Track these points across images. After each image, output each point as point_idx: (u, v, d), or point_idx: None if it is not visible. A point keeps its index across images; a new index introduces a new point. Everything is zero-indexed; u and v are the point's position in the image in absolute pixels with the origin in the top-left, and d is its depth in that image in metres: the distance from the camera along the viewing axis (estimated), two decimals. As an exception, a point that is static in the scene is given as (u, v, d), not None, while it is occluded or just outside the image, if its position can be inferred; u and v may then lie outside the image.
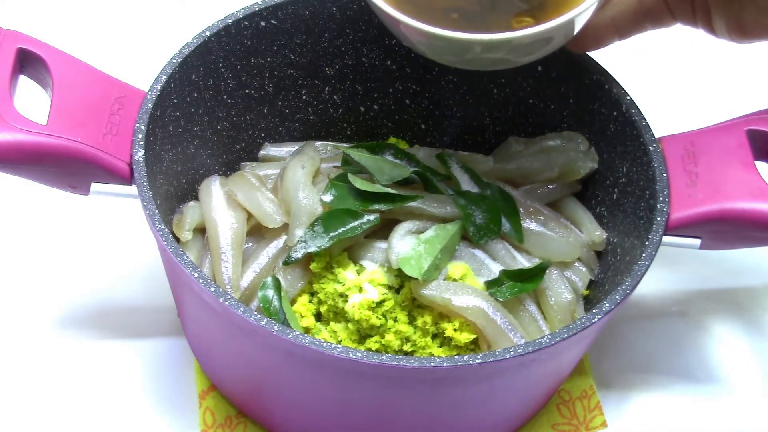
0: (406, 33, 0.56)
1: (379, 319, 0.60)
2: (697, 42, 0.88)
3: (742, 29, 0.58)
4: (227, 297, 0.53)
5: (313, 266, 0.61)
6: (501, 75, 0.69)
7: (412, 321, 0.61)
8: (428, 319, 0.60)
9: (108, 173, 0.58)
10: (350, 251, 0.62)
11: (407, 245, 0.60)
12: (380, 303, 0.60)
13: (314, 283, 0.62)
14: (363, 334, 0.61)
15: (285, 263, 0.61)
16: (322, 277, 0.61)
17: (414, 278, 0.59)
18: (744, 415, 0.69)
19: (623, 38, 0.61)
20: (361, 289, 0.60)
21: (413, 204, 0.62)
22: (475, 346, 0.60)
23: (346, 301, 0.60)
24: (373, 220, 0.61)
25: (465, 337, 0.59)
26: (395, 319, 0.60)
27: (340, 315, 0.62)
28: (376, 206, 0.62)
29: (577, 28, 0.56)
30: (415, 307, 0.61)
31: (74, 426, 0.65)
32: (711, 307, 0.75)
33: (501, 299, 0.60)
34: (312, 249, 0.60)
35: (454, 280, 0.61)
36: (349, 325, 0.61)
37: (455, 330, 0.59)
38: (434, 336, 0.61)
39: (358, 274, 0.61)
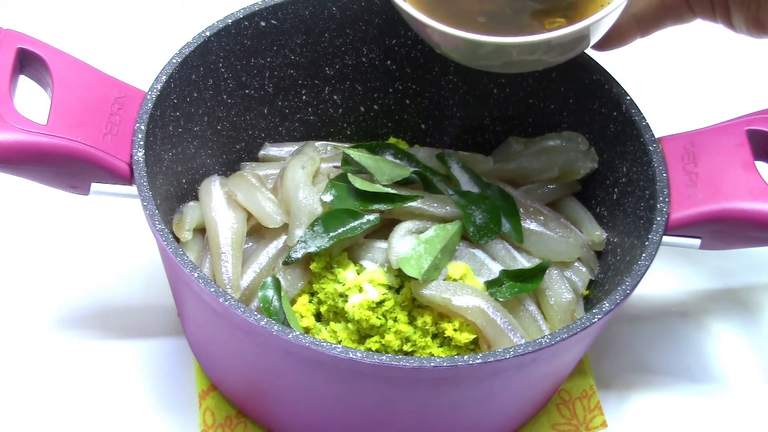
0: (441, 41, 0.56)
1: (379, 319, 0.60)
2: (698, 42, 0.88)
3: (760, 25, 0.58)
4: (227, 297, 0.53)
5: (313, 266, 0.61)
6: (501, 75, 0.69)
7: (412, 321, 0.61)
8: (428, 319, 0.60)
9: (108, 173, 0.58)
10: (350, 251, 0.62)
11: (407, 245, 0.60)
12: (380, 303, 0.60)
13: (314, 283, 0.62)
14: (363, 334, 0.61)
15: (285, 263, 0.61)
16: (322, 277, 0.61)
17: (414, 278, 0.59)
18: (744, 415, 0.69)
19: (645, 35, 0.62)
20: (361, 289, 0.60)
21: (413, 204, 0.62)
22: (475, 346, 0.60)
23: (346, 301, 0.60)
24: (373, 220, 0.61)
25: (465, 337, 0.59)
26: (395, 319, 0.60)
27: (340, 315, 0.62)
28: (376, 206, 0.62)
29: (610, 24, 0.56)
30: (415, 307, 0.61)
31: (74, 426, 0.65)
32: (711, 307, 0.75)
33: (501, 299, 0.60)
34: (312, 249, 0.60)
35: (454, 280, 0.61)
36: (349, 325, 0.61)
37: (455, 330, 0.59)
38: (434, 336, 0.61)
39: (358, 274, 0.61)
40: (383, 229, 0.63)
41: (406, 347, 0.60)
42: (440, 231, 0.62)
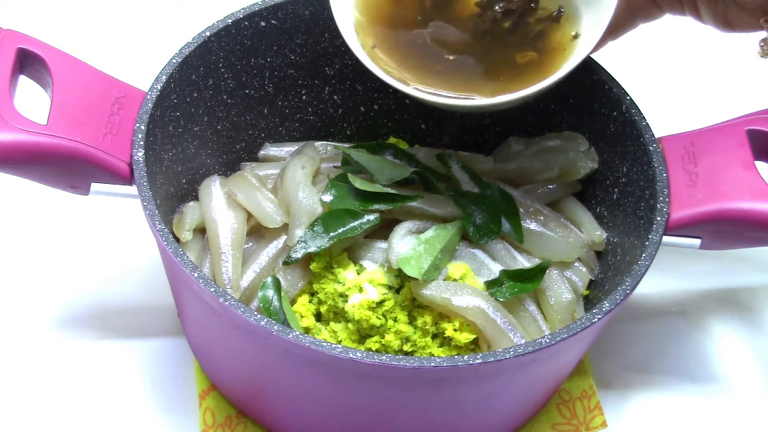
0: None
1: (379, 319, 0.60)
2: (698, 42, 0.88)
3: (727, 22, 0.59)
4: (227, 297, 0.53)
5: (313, 266, 0.61)
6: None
7: (412, 321, 0.61)
8: (428, 319, 0.60)
9: (108, 173, 0.58)
10: (350, 251, 0.62)
11: (407, 245, 0.60)
12: (380, 303, 0.60)
13: (314, 283, 0.62)
14: (363, 334, 0.61)
15: (285, 263, 0.61)
16: (322, 277, 0.61)
17: (414, 278, 0.59)
18: (744, 415, 0.69)
19: (616, 38, 0.62)
20: (361, 289, 0.60)
21: (413, 204, 0.62)
22: (475, 346, 0.60)
23: (346, 301, 0.60)
24: (373, 220, 0.61)
25: (465, 337, 0.59)
26: (395, 319, 0.60)
27: (340, 315, 0.62)
28: (376, 206, 0.62)
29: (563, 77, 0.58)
30: (415, 307, 0.61)
31: (74, 426, 0.65)
32: (711, 307, 0.75)
33: (501, 299, 0.60)
34: (312, 249, 0.60)
35: (454, 280, 0.61)
36: (349, 325, 0.61)
37: (455, 330, 0.59)
38: (434, 336, 0.61)
39: (358, 274, 0.61)
40: (383, 229, 0.63)
41: (406, 347, 0.60)
42: (440, 231, 0.62)
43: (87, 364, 0.68)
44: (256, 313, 0.52)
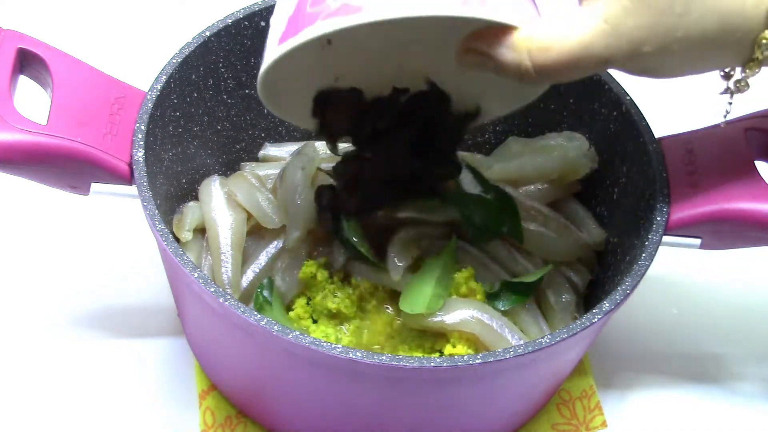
0: None
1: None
2: (697, 42, 0.88)
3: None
4: (227, 297, 0.53)
5: (302, 273, 0.61)
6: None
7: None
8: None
9: (108, 173, 0.58)
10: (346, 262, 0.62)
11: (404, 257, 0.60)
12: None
13: (308, 289, 0.62)
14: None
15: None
16: (314, 285, 0.61)
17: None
18: (744, 415, 0.69)
19: None
20: (353, 301, 0.60)
21: (406, 214, 0.62)
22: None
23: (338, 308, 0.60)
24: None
25: (465, 351, 0.59)
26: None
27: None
28: None
29: None
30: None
31: (75, 426, 0.65)
32: (711, 308, 0.75)
33: (502, 309, 0.60)
34: None
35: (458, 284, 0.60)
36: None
37: (454, 348, 0.59)
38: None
39: (352, 284, 0.61)
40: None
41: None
42: (431, 261, 0.61)
43: (87, 364, 0.68)
44: (256, 313, 0.52)
